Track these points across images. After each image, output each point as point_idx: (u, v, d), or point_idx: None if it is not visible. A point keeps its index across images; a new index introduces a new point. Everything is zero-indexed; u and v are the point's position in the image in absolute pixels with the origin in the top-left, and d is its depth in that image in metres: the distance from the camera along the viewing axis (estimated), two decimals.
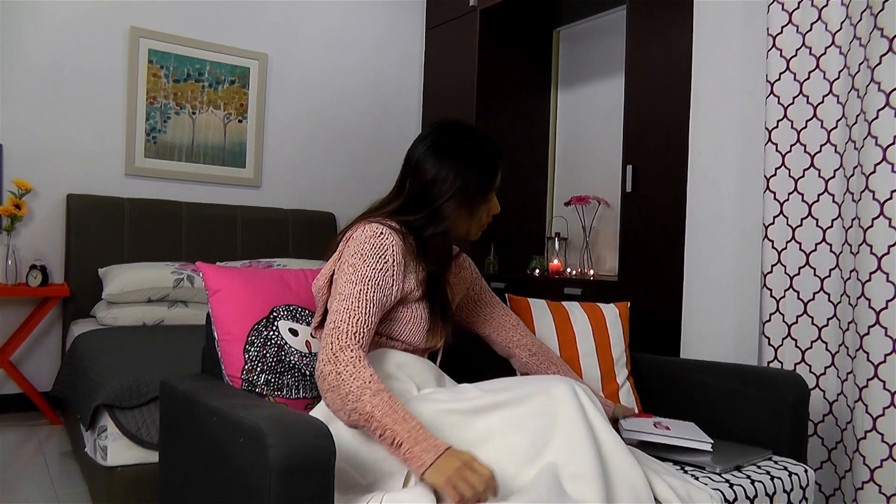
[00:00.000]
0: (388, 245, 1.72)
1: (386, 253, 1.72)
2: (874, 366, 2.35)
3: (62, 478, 3.12)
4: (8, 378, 4.08)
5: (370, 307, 1.66)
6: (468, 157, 1.87)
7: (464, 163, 1.86)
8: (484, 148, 1.91)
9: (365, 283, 1.67)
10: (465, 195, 1.86)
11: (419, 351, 1.87)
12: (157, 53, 4.58)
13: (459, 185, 1.84)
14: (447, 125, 1.94)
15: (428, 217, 1.83)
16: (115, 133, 4.48)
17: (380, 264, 1.70)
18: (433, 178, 1.84)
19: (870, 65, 2.37)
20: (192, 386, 1.78)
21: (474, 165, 1.87)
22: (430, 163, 1.85)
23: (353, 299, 1.65)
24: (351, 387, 1.51)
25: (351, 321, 1.62)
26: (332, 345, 1.59)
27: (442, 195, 1.83)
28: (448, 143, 1.88)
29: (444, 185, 1.83)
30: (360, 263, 1.70)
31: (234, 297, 1.90)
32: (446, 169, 1.84)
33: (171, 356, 2.93)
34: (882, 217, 2.34)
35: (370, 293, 1.67)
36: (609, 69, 4.79)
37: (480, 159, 1.89)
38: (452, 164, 1.85)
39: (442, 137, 1.90)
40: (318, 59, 5.21)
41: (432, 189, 1.84)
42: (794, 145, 2.74)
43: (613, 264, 4.54)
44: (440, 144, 1.88)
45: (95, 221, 4.22)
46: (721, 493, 1.80)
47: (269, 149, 5.03)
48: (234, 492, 1.41)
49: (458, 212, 1.86)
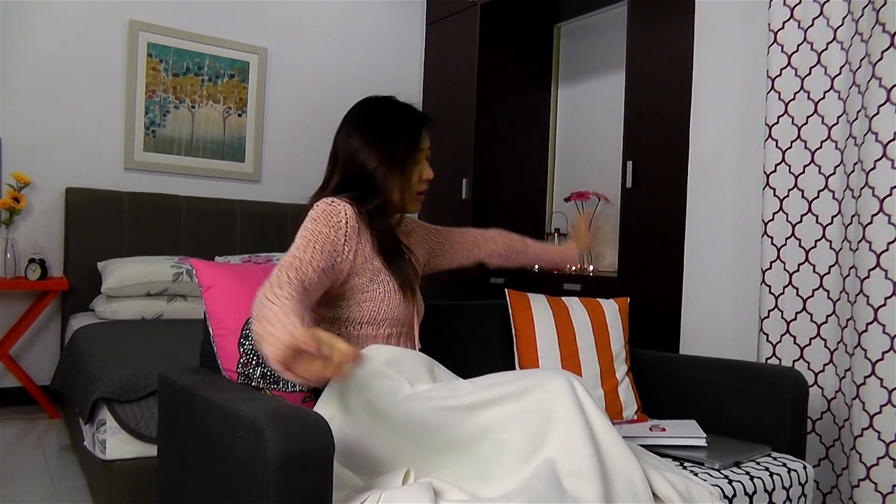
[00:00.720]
0: (340, 210, 1.76)
1: (339, 217, 1.76)
2: (872, 363, 2.35)
3: (61, 471, 3.12)
4: (7, 371, 4.08)
5: (315, 256, 1.68)
6: (388, 122, 1.93)
7: (384, 128, 1.92)
8: (401, 113, 1.96)
9: (314, 236, 1.71)
10: (393, 159, 1.90)
11: (402, 324, 1.88)
12: (156, 47, 4.57)
13: (385, 150, 1.89)
14: (363, 101, 1.99)
15: (364, 190, 1.88)
16: (114, 127, 4.48)
17: (332, 223, 1.74)
18: (357, 149, 1.89)
19: (871, 60, 2.37)
20: (191, 380, 1.78)
21: (395, 129, 1.92)
22: (353, 137, 1.91)
23: (298, 250, 1.68)
24: (263, 311, 1.42)
25: (291, 267, 1.60)
26: (267, 286, 1.50)
27: (370, 164, 1.88)
28: (366, 115, 1.94)
29: (371, 154, 1.88)
30: (313, 226, 1.74)
31: (228, 293, 1.92)
32: (370, 138, 1.89)
33: (169, 350, 2.93)
34: (881, 214, 2.34)
35: (317, 246, 1.70)
36: (610, 65, 4.78)
37: (399, 122, 1.94)
38: (373, 132, 1.90)
39: (359, 113, 1.95)
40: (318, 54, 5.21)
41: (359, 160, 1.89)
42: (794, 141, 2.74)
43: (613, 260, 4.53)
44: (359, 118, 1.94)
45: (94, 215, 4.22)
46: (720, 490, 1.80)
47: (268, 143, 5.03)
48: (232, 485, 1.41)
49: (389, 178, 1.89)
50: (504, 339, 2.54)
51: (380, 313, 1.81)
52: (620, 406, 2.43)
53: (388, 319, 1.83)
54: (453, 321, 2.49)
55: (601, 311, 2.57)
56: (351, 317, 1.80)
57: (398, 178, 1.91)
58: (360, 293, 1.80)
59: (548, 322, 2.47)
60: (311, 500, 1.29)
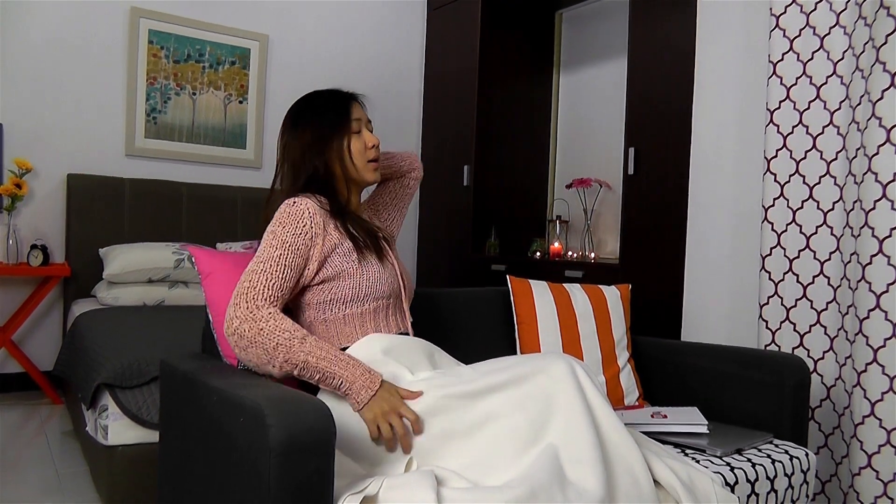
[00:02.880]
0: (302, 209, 1.78)
1: (303, 216, 1.77)
2: (873, 350, 2.35)
3: (63, 457, 3.13)
4: (10, 357, 4.09)
5: (287, 272, 1.73)
6: (309, 109, 1.97)
7: (307, 114, 1.96)
8: (321, 97, 1.99)
9: (284, 249, 1.74)
10: (321, 136, 1.92)
11: (388, 296, 1.88)
12: (157, 34, 4.56)
13: (310, 131, 1.92)
14: (291, 106, 2.03)
15: (309, 177, 1.90)
16: (116, 113, 4.47)
17: (298, 228, 1.76)
18: (288, 143, 1.95)
19: (875, 44, 2.36)
20: (193, 366, 1.78)
21: (317, 111, 1.95)
22: (285, 136, 1.97)
23: (271, 262, 1.72)
24: (278, 339, 1.61)
25: (267, 284, 1.69)
26: (247, 304, 1.66)
27: (306, 150, 1.91)
28: (292, 114, 1.99)
29: (302, 140, 1.92)
30: (279, 230, 1.76)
31: (226, 280, 1.92)
32: (297, 129, 1.94)
33: (171, 336, 2.93)
34: (885, 199, 2.33)
35: (288, 258, 1.74)
36: (611, 51, 4.76)
37: (320, 105, 1.97)
38: (298, 123, 1.95)
39: (287, 115, 2.01)
40: (319, 41, 5.19)
41: (294, 152, 1.93)
42: (796, 127, 2.73)
43: (615, 247, 4.53)
44: (287, 120, 1.99)
45: (96, 201, 4.22)
46: (722, 477, 1.81)
47: (269, 130, 5.01)
48: (233, 471, 1.42)
49: (325, 154, 1.92)
50: (505, 325, 2.54)
51: (361, 289, 1.81)
52: (622, 393, 2.44)
53: (372, 294, 1.83)
54: (454, 308, 2.49)
55: (603, 297, 2.57)
56: (334, 298, 1.81)
57: (334, 150, 1.93)
58: (339, 275, 1.80)
59: (549, 308, 2.47)
60: (312, 486, 1.29)
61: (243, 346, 1.64)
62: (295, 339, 1.62)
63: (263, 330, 1.62)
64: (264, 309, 1.65)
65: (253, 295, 1.67)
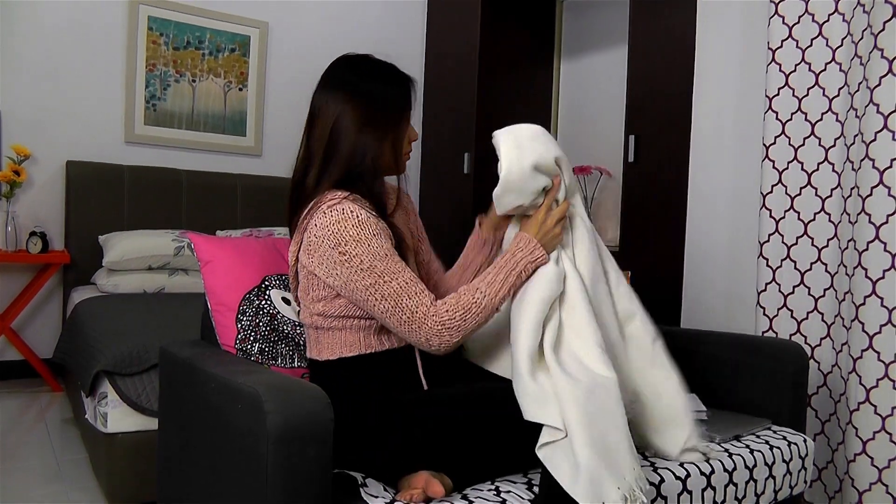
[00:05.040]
0: (363, 217, 1.61)
1: (369, 223, 1.61)
2: (869, 336, 2.35)
3: (63, 444, 3.14)
4: (9, 345, 4.10)
5: (406, 269, 1.62)
6: (366, 76, 1.79)
7: (369, 84, 1.77)
8: (371, 64, 1.82)
9: (385, 257, 1.59)
10: (387, 120, 1.76)
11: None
12: (156, 20, 4.55)
13: (376, 108, 1.75)
14: (344, 59, 1.84)
15: (358, 172, 1.72)
16: (115, 100, 4.46)
17: (375, 234, 1.61)
18: (343, 110, 1.73)
19: (873, 31, 2.35)
20: (192, 353, 1.79)
21: (382, 85, 1.79)
22: (332, 101, 1.75)
23: (391, 273, 1.58)
24: (478, 310, 1.60)
25: (415, 290, 1.58)
26: (425, 319, 1.57)
27: (364, 127, 1.72)
28: (342, 71, 1.80)
29: (362, 114, 1.73)
30: (365, 247, 1.58)
31: (226, 267, 1.89)
32: (359, 96, 1.75)
33: (171, 324, 2.94)
34: (881, 186, 2.33)
35: (396, 259, 1.61)
36: (612, 39, 4.75)
37: (376, 74, 1.80)
38: (358, 88, 1.75)
39: (337, 74, 1.80)
40: (319, 28, 5.17)
41: (349, 123, 1.72)
42: (794, 113, 2.73)
43: (615, 234, 4.53)
44: (337, 78, 1.79)
45: (95, 188, 4.22)
46: (720, 463, 1.81)
47: (269, 117, 5.01)
48: (232, 458, 1.42)
49: (384, 143, 1.76)
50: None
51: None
52: None
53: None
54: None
55: None
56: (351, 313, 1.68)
57: (390, 137, 1.76)
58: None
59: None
60: (310, 472, 1.30)
61: (466, 333, 1.60)
62: (476, 297, 1.59)
63: (463, 317, 1.57)
64: (434, 307, 1.57)
65: (416, 307, 1.56)
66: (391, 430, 1.57)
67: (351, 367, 1.68)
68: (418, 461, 1.52)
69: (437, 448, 1.54)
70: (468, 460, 1.55)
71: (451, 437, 1.55)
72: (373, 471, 1.55)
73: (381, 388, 1.66)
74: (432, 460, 1.52)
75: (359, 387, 1.66)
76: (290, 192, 1.79)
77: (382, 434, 1.58)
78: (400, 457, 1.54)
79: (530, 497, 1.50)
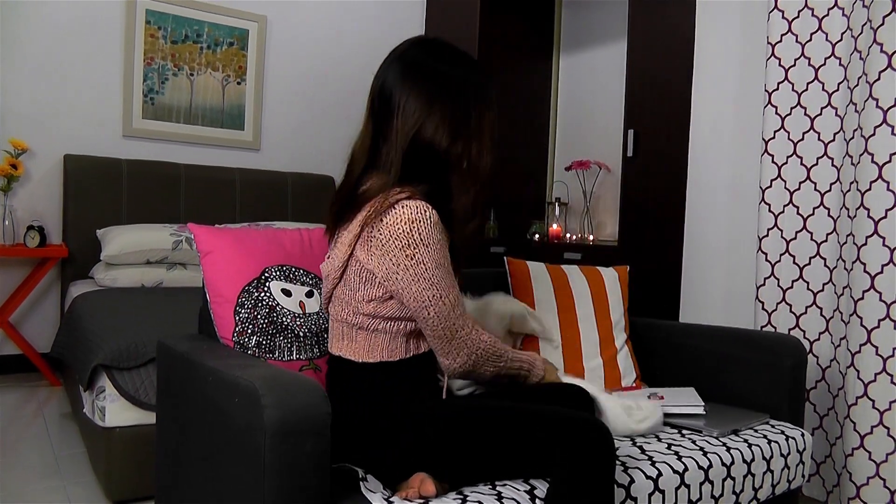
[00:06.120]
0: (435, 222, 1.57)
1: (439, 228, 1.58)
2: (867, 331, 2.35)
3: (61, 439, 3.14)
4: (7, 339, 4.10)
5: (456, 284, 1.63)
6: (459, 64, 1.70)
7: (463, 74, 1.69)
8: (458, 54, 1.72)
9: (444, 267, 1.58)
10: (478, 114, 1.68)
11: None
12: (154, 14, 4.54)
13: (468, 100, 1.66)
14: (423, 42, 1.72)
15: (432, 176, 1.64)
16: (113, 94, 4.45)
17: (441, 242, 1.58)
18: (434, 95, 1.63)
19: (872, 26, 2.35)
20: (189, 346, 1.78)
21: (474, 73, 1.71)
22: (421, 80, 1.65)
23: (446, 288, 1.58)
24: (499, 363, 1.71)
25: (459, 309, 1.62)
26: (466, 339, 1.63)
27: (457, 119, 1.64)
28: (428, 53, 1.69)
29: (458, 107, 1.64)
30: (432, 253, 1.56)
31: (225, 259, 1.87)
32: (454, 84, 1.66)
33: (169, 318, 2.94)
34: (880, 180, 2.33)
35: (451, 271, 1.62)
36: (611, 34, 4.75)
37: (465, 63, 1.71)
38: (450, 78, 1.66)
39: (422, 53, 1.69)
40: (318, 22, 5.16)
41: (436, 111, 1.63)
42: (794, 108, 2.73)
43: (614, 229, 4.53)
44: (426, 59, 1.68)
45: (93, 182, 4.21)
46: (718, 457, 1.82)
47: (268, 111, 5.00)
48: (230, 452, 1.42)
49: (471, 143, 1.68)
50: None
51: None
52: (619, 374, 2.44)
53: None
54: None
55: (600, 279, 2.57)
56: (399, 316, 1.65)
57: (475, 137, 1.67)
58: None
59: (547, 290, 2.47)
60: (308, 466, 1.29)
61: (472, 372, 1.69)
62: (503, 355, 1.72)
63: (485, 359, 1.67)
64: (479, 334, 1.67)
65: (466, 332, 1.62)
66: (403, 435, 1.56)
67: (389, 371, 1.65)
68: (422, 467, 1.52)
69: (444, 456, 1.54)
70: (473, 472, 1.56)
71: (459, 449, 1.54)
72: (375, 471, 1.55)
73: (405, 392, 1.65)
74: (437, 467, 1.52)
75: (389, 389, 1.64)
76: (346, 179, 1.73)
77: (393, 437, 1.57)
78: (406, 460, 1.54)
79: (529, 498, 1.50)
